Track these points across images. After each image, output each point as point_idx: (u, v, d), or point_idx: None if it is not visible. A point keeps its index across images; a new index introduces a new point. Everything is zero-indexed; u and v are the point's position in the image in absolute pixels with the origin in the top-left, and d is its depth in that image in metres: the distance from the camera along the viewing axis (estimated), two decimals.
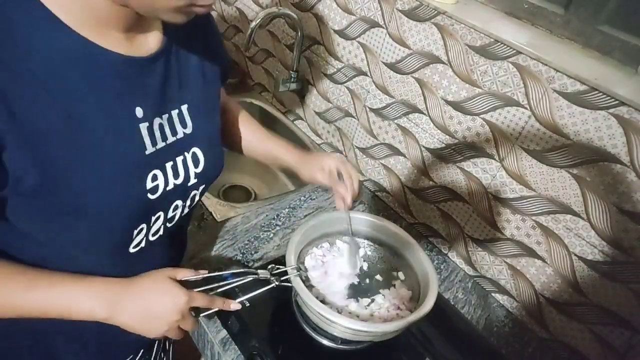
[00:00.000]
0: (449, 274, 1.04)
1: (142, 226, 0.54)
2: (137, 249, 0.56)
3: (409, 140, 1.07)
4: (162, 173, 0.54)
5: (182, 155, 0.57)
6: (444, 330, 0.88)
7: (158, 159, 0.53)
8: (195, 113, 0.58)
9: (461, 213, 1.02)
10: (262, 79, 1.50)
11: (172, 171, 0.55)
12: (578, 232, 0.83)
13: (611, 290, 0.81)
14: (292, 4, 1.26)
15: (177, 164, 0.56)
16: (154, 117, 0.52)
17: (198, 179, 0.60)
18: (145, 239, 0.57)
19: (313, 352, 0.77)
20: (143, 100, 0.50)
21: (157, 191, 0.53)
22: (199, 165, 0.59)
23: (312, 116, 1.35)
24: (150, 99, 0.51)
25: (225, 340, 0.77)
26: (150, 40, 0.51)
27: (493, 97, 0.88)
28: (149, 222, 0.55)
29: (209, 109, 0.62)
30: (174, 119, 0.55)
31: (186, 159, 0.57)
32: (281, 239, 0.99)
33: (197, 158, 0.59)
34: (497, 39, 0.84)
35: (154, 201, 0.53)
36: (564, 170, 0.82)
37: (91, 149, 0.46)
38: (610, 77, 0.77)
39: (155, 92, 0.52)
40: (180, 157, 0.56)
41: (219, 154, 0.65)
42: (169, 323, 0.57)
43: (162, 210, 0.56)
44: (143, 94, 0.50)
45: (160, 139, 0.53)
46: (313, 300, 0.66)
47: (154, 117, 0.52)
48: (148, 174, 0.52)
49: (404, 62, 1.02)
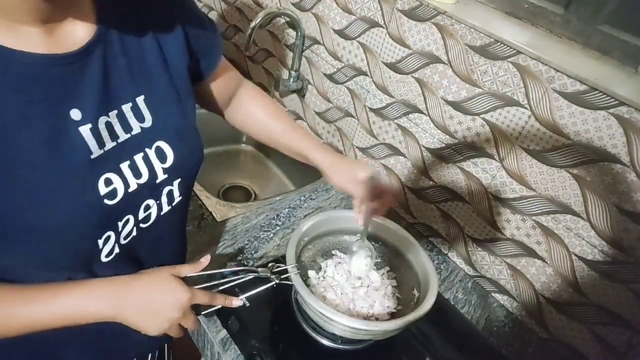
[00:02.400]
0: (449, 274, 1.04)
1: (109, 234, 0.50)
2: (111, 257, 0.53)
3: (409, 140, 1.07)
4: (118, 175, 0.49)
5: (142, 151, 0.52)
6: (444, 330, 0.88)
7: (109, 161, 0.48)
8: (156, 104, 0.53)
9: (461, 213, 1.02)
10: (262, 79, 1.50)
11: (131, 171, 0.51)
12: (578, 232, 0.83)
13: (611, 290, 0.81)
14: (292, 4, 1.26)
15: (135, 163, 0.51)
16: (97, 117, 0.46)
17: (169, 174, 0.55)
18: (117, 245, 0.53)
19: (313, 351, 0.77)
20: (79, 100, 0.45)
21: (115, 196, 0.49)
22: (166, 160, 0.54)
23: (312, 116, 1.35)
24: (89, 98, 0.45)
25: (225, 340, 0.77)
26: (79, 32, 0.45)
27: (493, 97, 0.88)
28: (116, 229, 0.51)
29: (177, 98, 0.56)
30: (126, 114, 0.50)
31: (147, 155, 0.52)
32: (281, 239, 0.99)
33: (163, 152, 0.54)
34: (497, 39, 0.84)
35: (115, 206, 0.49)
36: (564, 170, 0.82)
37: (21, 163, 0.41)
38: (610, 77, 0.77)
39: (95, 89, 0.46)
40: (139, 154, 0.51)
41: (195, 145, 0.60)
42: (170, 320, 0.56)
43: (131, 213, 0.53)
44: (77, 94, 0.45)
45: (108, 138, 0.48)
46: (312, 298, 0.66)
47: (98, 116, 0.47)
48: (98, 179, 0.47)
49: (404, 62, 1.02)
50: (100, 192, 0.48)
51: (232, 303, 0.64)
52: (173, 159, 0.55)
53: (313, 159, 0.73)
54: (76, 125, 0.45)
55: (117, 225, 0.51)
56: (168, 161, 0.55)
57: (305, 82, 1.32)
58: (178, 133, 0.56)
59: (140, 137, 0.51)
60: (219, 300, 0.62)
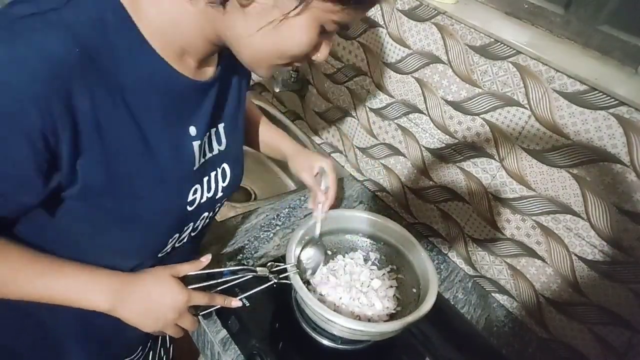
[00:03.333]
0: (449, 274, 1.04)
1: (176, 235, 0.57)
2: (162, 255, 0.59)
3: (409, 140, 1.07)
4: (201, 187, 0.57)
5: (215, 170, 0.60)
6: (444, 330, 0.88)
7: (200, 174, 0.57)
8: (229, 131, 0.62)
9: (461, 213, 1.02)
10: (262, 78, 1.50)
11: (207, 185, 0.59)
12: (578, 232, 0.83)
13: (611, 290, 0.81)
14: None
15: (211, 179, 0.60)
16: (204, 136, 0.56)
17: (224, 192, 0.63)
18: (172, 246, 0.59)
19: (313, 352, 0.77)
20: (197, 120, 0.54)
21: (194, 204, 0.57)
22: (226, 180, 0.63)
23: (312, 116, 1.35)
24: (203, 119, 0.55)
25: (225, 340, 0.77)
26: (209, 67, 0.55)
27: (493, 97, 0.88)
28: (182, 232, 0.58)
29: (239, 128, 0.66)
30: (212, 137, 0.59)
31: (217, 174, 0.61)
32: (281, 239, 0.99)
33: (226, 173, 0.63)
34: (497, 39, 0.84)
35: (190, 213, 0.57)
36: (564, 170, 0.82)
37: (153, 162, 0.49)
38: (610, 77, 0.77)
39: (207, 113, 0.55)
40: (214, 172, 0.60)
41: (241, 169, 0.68)
42: (166, 320, 0.57)
43: (193, 221, 0.59)
44: (198, 115, 0.54)
45: (202, 155, 0.57)
46: (311, 298, 0.66)
47: (204, 135, 0.56)
48: (192, 187, 0.56)
49: (404, 62, 1.02)
50: (188, 199, 0.55)
51: (231, 303, 0.65)
52: (229, 180, 0.63)
53: (279, 150, 0.83)
54: (192, 140, 0.54)
55: (183, 229, 0.58)
56: (227, 181, 0.63)
57: (305, 82, 1.32)
58: (237, 160, 0.66)
59: (216, 157, 0.60)
60: (218, 300, 0.63)
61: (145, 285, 0.57)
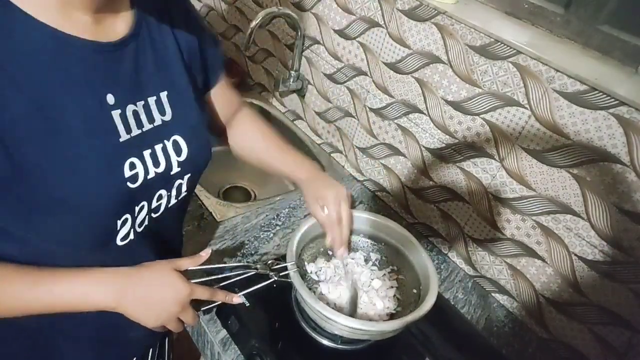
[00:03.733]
0: (449, 274, 1.04)
1: (126, 217, 0.53)
2: (126, 242, 0.55)
3: (409, 140, 1.07)
4: (141, 161, 0.52)
5: (162, 143, 0.55)
6: (444, 330, 0.88)
7: (134, 147, 0.52)
8: (176, 100, 0.57)
9: (461, 213, 1.02)
10: (262, 78, 1.50)
11: (152, 159, 0.54)
12: (578, 232, 0.83)
13: (611, 290, 0.81)
14: (292, 4, 1.26)
15: (156, 152, 0.55)
16: (126, 104, 0.51)
17: (182, 167, 0.58)
18: (133, 231, 0.55)
19: (313, 351, 0.77)
20: (114, 86, 0.49)
21: (137, 180, 0.52)
22: (181, 154, 0.58)
23: (312, 116, 1.35)
24: (122, 86, 0.50)
25: (225, 340, 0.77)
26: (119, 25, 0.50)
27: (493, 97, 0.88)
28: (133, 213, 0.54)
29: (192, 98, 0.60)
30: (150, 106, 0.54)
31: (166, 147, 0.56)
32: (281, 239, 0.99)
33: (179, 146, 0.58)
34: (497, 38, 0.84)
35: (135, 190, 0.52)
36: (564, 170, 0.82)
37: (63, 139, 0.45)
38: (610, 77, 0.77)
39: (127, 79, 0.50)
40: (159, 145, 0.55)
41: (205, 143, 0.63)
42: (169, 314, 0.57)
43: (146, 200, 0.55)
44: (114, 81, 0.49)
45: (135, 126, 0.52)
46: (311, 297, 0.66)
47: (127, 103, 0.51)
48: (124, 162, 0.51)
49: (404, 62, 1.02)
50: (125, 175, 0.50)
51: (232, 300, 0.64)
52: (187, 153, 0.58)
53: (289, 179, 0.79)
54: (110, 108, 0.49)
55: (134, 209, 0.54)
56: (182, 155, 0.58)
57: (305, 82, 1.32)
58: (193, 130, 0.60)
59: (160, 128, 0.55)
60: (219, 296, 0.63)
61: (147, 278, 0.57)
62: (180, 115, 0.57)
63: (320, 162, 1.30)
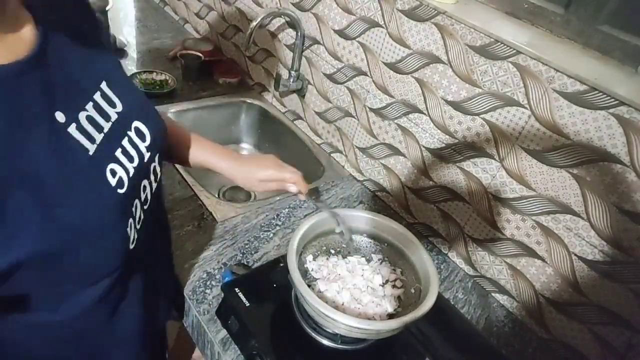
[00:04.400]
0: (449, 274, 1.04)
1: (130, 221, 0.52)
2: (135, 244, 0.54)
3: (409, 140, 1.07)
4: (117, 164, 0.50)
5: (126, 135, 0.53)
6: (444, 330, 0.88)
7: (105, 153, 0.49)
8: (117, 86, 0.53)
9: (461, 213, 1.02)
10: (262, 78, 1.50)
11: (125, 157, 0.51)
12: (578, 232, 0.83)
13: (611, 290, 0.81)
14: (292, 4, 1.26)
15: (126, 148, 0.52)
16: (77, 113, 0.46)
17: (150, 151, 0.57)
18: (136, 231, 0.54)
19: (313, 351, 0.77)
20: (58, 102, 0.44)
21: (123, 184, 0.50)
22: (145, 138, 0.56)
23: (312, 116, 1.35)
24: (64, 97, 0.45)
25: (225, 340, 0.77)
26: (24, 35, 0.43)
27: (493, 97, 0.88)
28: (133, 215, 0.53)
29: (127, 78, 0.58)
30: (100, 104, 0.50)
31: (132, 138, 0.53)
32: (281, 239, 0.99)
33: (141, 132, 0.55)
34: (497, 39, 0.84)
35: (126, 194, 0.50)
36: (564, 170, 0.82)
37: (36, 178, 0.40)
38: (610, 77, 0.77)
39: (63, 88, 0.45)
40: (125, 139, 0.52)
41: (156, 116, 0.61)
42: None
43: (137, 197, 0.54)
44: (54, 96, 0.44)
45: (95, 132, 0.48)
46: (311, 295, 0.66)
47: (78, 112, 0.46)
48: (105, 172, 0.48)
49: (404, 62, 1.02)
50: (112, 184, 0.48)
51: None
52: (149, 136, 0.57)
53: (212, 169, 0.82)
54: (64, 127, 0.44)
55: (132, 211, 0.52)
56: (147, 139, 0.56)
57: (305, 82, 1.32)
58: (143, 109, 0.58)
59: (119, 122, 0.52)
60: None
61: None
62: (129, 100, 0.55)
63: (320, 162, 1.30)
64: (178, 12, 1.87)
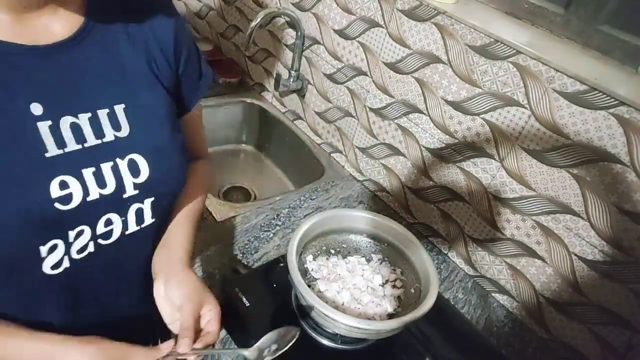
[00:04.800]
0: (449, 274, 1.04)
1: (55, 242, 0.47)
2: (60, 270, 0.49)
3: (409, 140, 1.07)
4: (78, 180, 0.46)
5: (112, 161, 0.49)
6: (444, 330, 0.87)
7: (68, 164, 0.46)
8: (137, 116, 0.51)
9: (461, 213, 1.02)
10: (262, 78, 1.50)
11: (95, 178, 0.48)
12: (578, 232, 0.83)
13: (611, 290, 0.81)
14: (292, 4, 1.26)
15: (102, 171, 0.48)
16: (60, 115, 0.45)
17: (140, 190, 0.52)
18: (68, 258, 0.49)
19: (313, 351, 0.77)
20: (42, 95, 0.44)
21: (70, 201, 0.46)
22: (139, 175, 0.51)
23: (312, 116, 1.35)
24: (54, 95, 0.45)
25: (225, 340, 0.77)
26: (57, 27, 0.44)
27: (493, 97, 0.88)
28: (66, 238, 0.48)
29: (159, 114, 0.54)
30: (101, 120, 0.48)
31: (118, 166, 0.50)
32: (281, 239, 0.99)
33: (137, 166, 0.51)
34: (497, 38, 0.84)
35: (68, 212, 0.46)
36: (564, 170, 0.82)
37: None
38: (610, 77, 0.77)
39: (61, 87, 0.45)
40: (107, 164, 0.49)
41: (174, 166, 0.56)
42: None
43: (87, 224, 0.49)
44: (41, 89, 0.44)
45: (72, 140, 0.46)
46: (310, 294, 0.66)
47: (62, 115, 0.45)
48: (51, 179, 0.45)
49: (404, 62, 1.02)
50: (52, 194, 0.45)
51: None
52: (148, 175, 0.52)
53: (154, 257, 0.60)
54: (35, 119, 0.43)
55: (67, 234, 0.48)
56: (141, 177, 0.52)
57: (305, 82, 1.32)
58: (158, 150, 0.53)
59: (112, 145, 0.49)
60: None
61: None
62: (141, 132, 0.51)
63: (320, 162, 1.30)
64: None
